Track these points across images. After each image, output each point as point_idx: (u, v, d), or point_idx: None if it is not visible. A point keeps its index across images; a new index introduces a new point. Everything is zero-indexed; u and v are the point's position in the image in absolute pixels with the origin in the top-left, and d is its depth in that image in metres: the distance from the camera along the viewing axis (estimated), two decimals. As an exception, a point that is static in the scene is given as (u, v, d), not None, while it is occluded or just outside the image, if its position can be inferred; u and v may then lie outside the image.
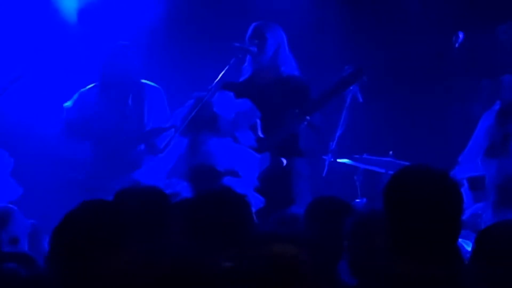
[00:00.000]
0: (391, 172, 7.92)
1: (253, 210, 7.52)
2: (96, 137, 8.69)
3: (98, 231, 3.52)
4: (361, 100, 8.26)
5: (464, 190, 7.90)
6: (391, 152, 8.57)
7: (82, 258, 3.43)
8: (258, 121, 8.16)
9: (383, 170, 8.39)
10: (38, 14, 10.05)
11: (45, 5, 10.08)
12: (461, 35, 8.87)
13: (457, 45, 8.88)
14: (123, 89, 8.78)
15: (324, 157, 8.47)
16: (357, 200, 8.11)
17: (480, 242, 4.00)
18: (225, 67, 8.24)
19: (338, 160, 8.48)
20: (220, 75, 8.23)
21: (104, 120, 8.67)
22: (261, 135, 8.18)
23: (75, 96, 8.77)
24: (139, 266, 2.66)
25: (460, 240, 4.29)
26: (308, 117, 8.13)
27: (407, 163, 6.85)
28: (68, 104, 8.81)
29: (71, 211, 3.69)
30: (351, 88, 8.13)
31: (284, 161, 8.21)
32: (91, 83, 8.80)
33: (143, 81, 8.82)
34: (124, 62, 8.73)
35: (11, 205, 6.88)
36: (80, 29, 10.06)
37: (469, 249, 6.04)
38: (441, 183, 3.71)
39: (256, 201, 7.66)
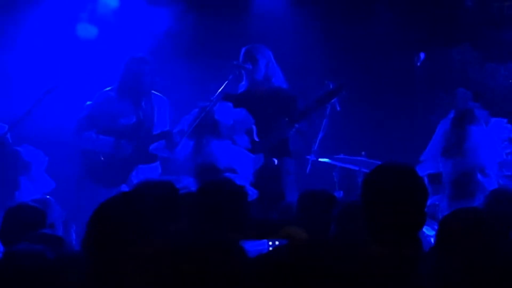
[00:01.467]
0: (363, 169, 8.03)
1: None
2: (116, 132, 8.53)
3: (129, 219, 3.46)
4: (339, 109, 8.30)
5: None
6: (363, 153, 8.53)
7: (116, 243, 3.37)
8: (253, 127, 8.08)
9: (357, 168, 8.35)
10: (68, 34, 9.95)
11: (72, 26, 9.99)
12: (422, 55, 8.93)
13: (419, 63, 8.96)
14: (136, 95, 8.60)
15: (308, 157, 8.49)
16: (336, 193, 8.10)
17: (443, 226, 3.95)
18: (225, 81, 8.18)
19: (320, 159, 8.48)
20: (221, 88, 8.15)
21: (124, 118, 8.58)
22: (255, 139, 8.10)
23: (95, 99, 8.63)
24: (169, 247, 2.68)
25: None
26: (296, 125, 8.18)
27: (377, 162, 6.95)
28: (89, 103, 8.70)
29: (104, 202, 3.63)
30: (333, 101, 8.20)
31: (275, 161, 8.18)
32: (107, 88, 8.68)
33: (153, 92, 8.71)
34: (138, 73, 8.55)
35: (49, 197, 6.81)
36: (104, 44, 9.97)
37: (429, 233, 6.19)
38: (409, 178, 3.70)
39: (251, 194, 7.51)
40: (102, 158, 8.55)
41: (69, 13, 10.08)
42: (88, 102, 8.71)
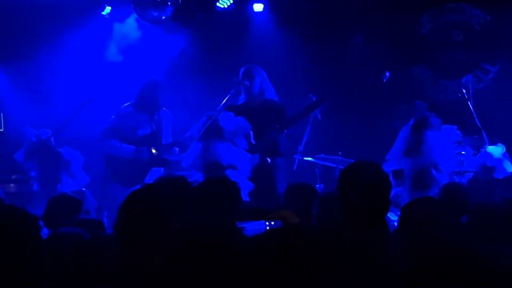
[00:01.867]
0: (340, 166, 8.00)
1: (247, 192, 7.75)
2: (136, 141, 8.45)
3: (152, 206, 3.47)
4: (320, 117, 8.29)
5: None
6: (340, 153, 8.54)
7: (141, 225, 3.38)
8: (251, 132, 8.06)
9: (334, 165, 8.30)
10: (99, 58, 9.98)
11: (102, 52, 10.00)
12: (387, 74, 8.94)
13: (385, 80, 8.97)
14: (151, 110, 8.54)
15: (295, 156, 8.52)
16: (317, 185, 8.06)
17: (405, 213, 3.94)
18: (228, 95, 8.19)
19: (305, 158, 8.49)
20: (224, 100, 8.16)
21: (141, 129, 8.55)
22: (252, 142, 8.09)
23: (117, 113, 8.63)
24: (183, 229, 2.68)
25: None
26: (285, 130, 8.19)
27: (351, 160, 6.96)
28: (113, 116, 8.65)
29: (133, 192, 3.66)
30: (315, 111, 8.19)
31: (269, 160, 8.16)
32: (127, 103, 8.66)
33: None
34: (152, 93, 8.58)
35: (84, 189, 6.81)
36: (125, 67, 9.97)
37: (393, 218, 6.19)
38: (377, 173, 3.72)
39: (249, 186, 7.70)
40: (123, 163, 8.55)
41: (99, 41, 10.08)
42: (112, 116, 8.67)
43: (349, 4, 10.01)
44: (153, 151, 8.47)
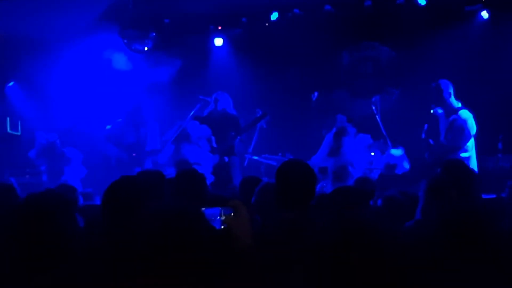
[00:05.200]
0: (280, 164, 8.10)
1: (209, 184, 7.73)
2: (126, 146, 8.53)
3: (132, 194, 3.31)
4: (265, 126, 8.37)
5: (316, 173, 8.07)
6: (280, 153, 8.68)
7: (122, 210, 3.21)
8: (212, 137, 8.08)
9: (275, 163, 8.31)
10: (92, 76, 9.86)
11: (96, 71, 9.91)
12: (316, 94, 9.04)
13: (314, 99, 9.05)
14: (137, 123, 8.60)
15: (246, 155, 8.65)
16: (263, 178, 8.10)
17: (332, 197, 3.82)
18: (194, 108, 8.28)
19: (253, 157, 8.65)
20: (192, 112, 8.30)
21: (130, 136, 8.60)
22: (214, 145, 8.11)
23: (111, 124, 8.67)
24: (158, 212, 2.59)
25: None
26: (239, 136, 8.23)
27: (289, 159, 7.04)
28: (108, 127, 8.70)
29: (113, 182, 3.48)
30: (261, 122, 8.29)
31: (226, 159, 8.14)
32: (120, 117, 8.68)
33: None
34: (137, 112, 8.69)
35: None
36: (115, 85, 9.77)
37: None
38: (305, 169, 3.67)
39: (211, 179, 7.66)
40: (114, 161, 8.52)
41: (94, 63, 9.92)
42: (108, 126, 8.67)
43: (287, 40, 9.98)
44: (134, 154, 8.45)
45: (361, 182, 5.88)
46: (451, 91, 7.14)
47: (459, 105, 7.12)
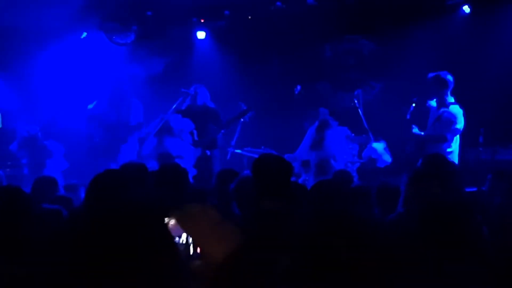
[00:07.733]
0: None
1: (191, 176, 7.71)
2: (105, 127, 8.46)
3: (116, 185, 3.35)
4: (248, 120, 8.36)
5: (298, 166, 8.09)
6: (262, 147, 8.66)
7: (103, 199, 3.26)
8: (194, 131, 8.07)
9: (257, 156, 8.35)
10: (75, 68, 9.80)
11: (79, 64, 9.86)
12: (299, 87, 9.04)
13: (297, 92, 9.05)
14: (118, 102, 8.51)
15: (228, 149, 8.64)
16: (245, 171, 8.15)
17: (313, 190, 3.90)
18: (177, 101, 8.25)
19: (236, 151, 8.64)
20: (174, 105, 8.29)
21: (112, 116, 8.50)
22: (196, 138, 8.09)
23: (94, 103, 8.61)
24: (140, 203, 2.58)
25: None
26: (222, 130, 8.26)
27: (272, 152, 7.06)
28: (90, 106, 8.63)
29: (98, 174, 3.54)
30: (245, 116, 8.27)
31: (208, 152, 8.15)
32: (102, 96, 8.66)
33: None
34: (120, 89, 8.65)
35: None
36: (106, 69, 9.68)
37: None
38: (279, 162, 3.74)
39: (193, 172, 7.67)
40: (97, 140, 8.47)
41: (77, 56, 9.87)
42: (90, 106, 8.62)
43: (270, 34, 10.00)
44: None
45: (340, 174, 5.91)
46: (451, 85, 7.14)
47: (452, 100, 7.15)
